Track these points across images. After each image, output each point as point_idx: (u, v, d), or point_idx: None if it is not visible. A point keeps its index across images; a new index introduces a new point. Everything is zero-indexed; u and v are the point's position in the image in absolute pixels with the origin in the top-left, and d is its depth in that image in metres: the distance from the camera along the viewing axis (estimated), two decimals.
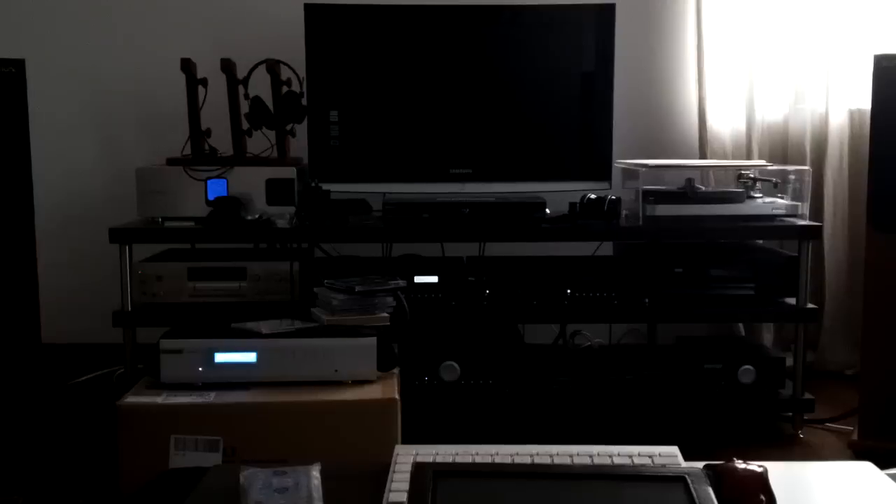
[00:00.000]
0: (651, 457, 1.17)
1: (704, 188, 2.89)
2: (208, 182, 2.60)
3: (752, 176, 2.75)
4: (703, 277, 2.61)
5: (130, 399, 1.99)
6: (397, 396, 2.02)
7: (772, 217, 2.65)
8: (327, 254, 2.89)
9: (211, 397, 1.99)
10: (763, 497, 1.00)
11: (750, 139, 3.13)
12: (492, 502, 0.99)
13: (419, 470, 1.02)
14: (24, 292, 2.44)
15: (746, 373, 2.55)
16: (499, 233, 2.62)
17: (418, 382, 2.53)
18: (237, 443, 1.94)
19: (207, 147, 2.73)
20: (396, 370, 2.18)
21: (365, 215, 2.69)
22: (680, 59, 3.20)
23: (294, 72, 2.72)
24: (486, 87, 2.77)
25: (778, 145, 3.17)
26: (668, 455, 1.18)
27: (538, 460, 1.16)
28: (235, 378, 2.06)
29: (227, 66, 2.70)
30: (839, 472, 1.20)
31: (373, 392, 2.04)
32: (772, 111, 3.18)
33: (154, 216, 2.62)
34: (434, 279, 2.57)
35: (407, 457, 1.15)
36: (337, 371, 2.08)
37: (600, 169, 2.76)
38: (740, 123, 3.15)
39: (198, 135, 2.71)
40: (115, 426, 1.95)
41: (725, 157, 3.14)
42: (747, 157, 3.12)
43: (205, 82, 2.71)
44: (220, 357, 2.06)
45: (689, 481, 0.99)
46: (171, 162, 2.67)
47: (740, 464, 1.04)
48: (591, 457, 1.17)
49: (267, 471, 1.08)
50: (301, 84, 2.71)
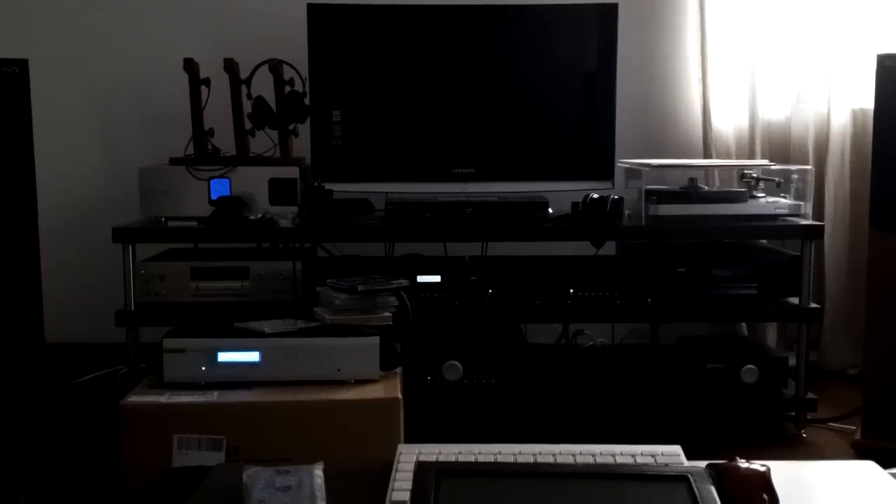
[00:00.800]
0: (654, 456, 1.17)
1: (707, 188, 2.88)
2: (211, 182, 2.60)
3: (754, 175, 2.75)
4: (706, 277, 2.61)
5: (133, 398, 1.99)
6: (400, 396, 2.02)
7: (774, 217, 2.65)
8: (330, 253, 2.89)
9: (214, 396, 1.99)
10: (766, 496, 1.00)
11: (753, 138, 3.13)
12: (494, 501, 0.99)
13: (422, 469, 1.02)
14: (28, 292, 2.44)
15: (749, 372, 2.55)
16: (501, 232, 2.62)
17: (421, 382, 2.53)
18: (240, 442, 1.94)
19: (210, 147, 2.74)
20: (399, 370, 2.18)
21: (367, 215, 2.69)
22: (683, 59, 3.20)
23: (297, 72, 2.72)
24: (489, 86, 2.77)
25: (780, 145, 3.17)
26: (671, 454, 1.18)
27: (541, 460, 1.16)
28: (238, 377, 2.06)
29: (230, 65, 2.71)
30: (842, 472, 1.19)
31: (375, 391, 2.04)
32: (774, 110, 3.18)
33: (157, 216, 2.62)
34: (437, 279, 2.57)
35: (410, 456, 1.15)
36: (340, 370, 2.08)
37: (603, 168, 2.76)
38: (743, 122, 3.15)
39: (201, 134, 2.71)
40: (118, 425, 1.95)
41: (729, 157, 3.13)
42: (750, 157, 3.12)
43: (208, 82, 2.71)
44: (223, 356, 2.06)
45: (692, 481, 1.00)
46: (174, 162, 2.67)
47: (743, 463, 1.04)
48: (594, 456, 1.17)
49: (270, 470, 1.09)
50: (304, 84, 2.72)
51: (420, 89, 2.77)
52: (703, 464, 1.06)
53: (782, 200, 2.70)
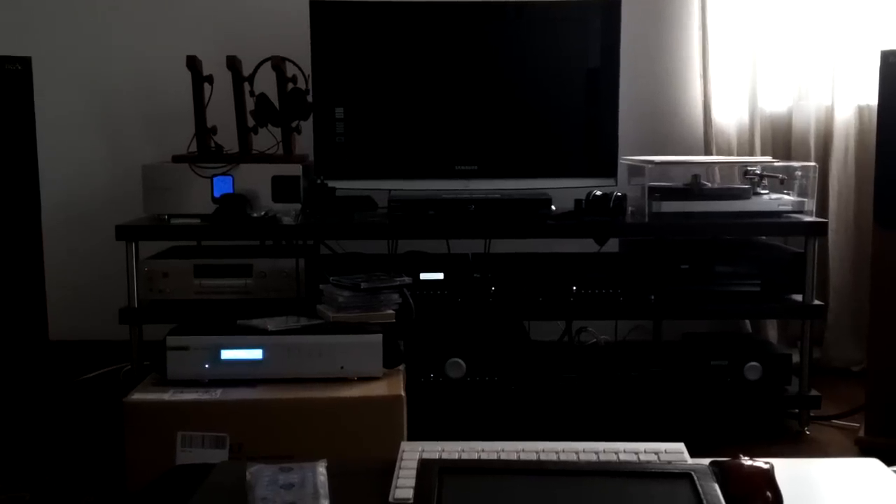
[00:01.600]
0: (657, 453, 1.17)
1: (710, 184, 2.88)
2: (214, 179, 2.61)
3: (758, 172, 2.74)
4: (709, 274, 2.61)
5: (137, 396, 1.99)
6: (403, 393, 2.02)
7: (778, 213, 2.64)
8: (333, 251, 2.89)
9: (217, 394, 2.00)
10: (769, 494, 1.00)
11: (754, 135, 3.12)
12: (497, 499, 0.99)
13: (425, 466, 1.02)
14: (32, 289, 2.45)
15: (753, 369, 2.55)
16: (504, 229, 2.62)
17: (424, 379, 2.53)
18: (243, 439, 1.95)
19: (213, 144, 2.74)
20: (402, 367, 2.18)
21: (370, 212, 2.69)
22: (685, 55, 3.20)
23: (299, 69, 2.72)
24: (492, 83, 2.76)
25: (783, 141, 3.16)
26: (674, 451, 1.18)
27: (544, 457, 1.16)
28: (241, 375, 2.06)
29: (233, 63, 2.71)
30: (846, 469, 1.19)
31: (378, 389, 2.04)
32: (777, 106, 3.17)
33: (160, 213, 2.62)
34: (440, 276, 2.57)
35: (413, 453, 1.15)
36: (343, 368, 2.08)
37: (606, 165, 2.75)
38: (745, 119, 3.14)
39: (203, 132, 2.71)
40: (122, 423, 1.95)
41: (731, 153, 3.13)
42: (752, 153, 3.11)
43: (210, 79, 2.71)
44: (227, 354, 2.07)
45: (696, 478, 0.99)
46: (176, 159, 2.67)
47: (746, 460, 1.04)
48: (597, 453, 1.17)
49: (273, 467, 1.09)
50: (307, 81, 2.71)
51: (423, 86, 2.77)
52: (706, 461, 1.06)
53: (785, 197, 2.69)
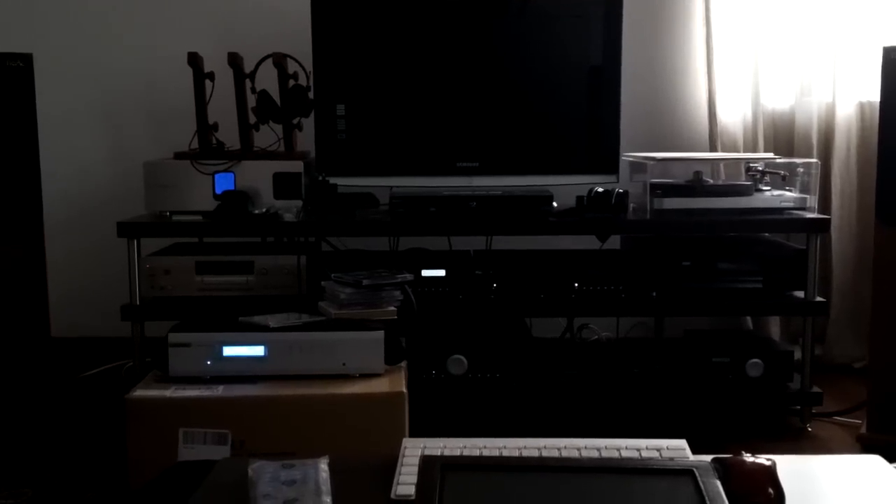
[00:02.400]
0: (659, 450, 1.17)
1: (712, 181, 2.88)
2: (216, 176, 2.61)
3: (760, 169, 2.74)
4: (711, 271, 2.60)
5: (139, 392, 1.99)
6: (405, 390, 2.02)
7: (780, 210, 2.64)
8: (334, 247, 2.89)
9: (219, 391, 2.00)
10: (771, 490, 1.00)
11: (757, 131, 3.12)
12: (500, 495, 0.99)
13: (427, 463, 1.02)
14: (33, 286, 2.45)
15: (754, 366, 2.55)
16: (506, 226, 2.62)
17: (426, 376, 2.53)
18: (245, 436, 1.95)
19: (215, 141, 2.74)
20: (404, 364, 2.18)
21: (372, 209, 2.69)
22: (688, 51, 3.19)
23: (301, 65, 2.72)
24: (494, 80, 2.76)
25: (785, 137, 3.16)
26: (676, 448, 1.18)
27: (546, 454, 1.16)
28: (243, 371, 2.06)
29: (234, 60, 2.70)
30: (847, 466, 1.19)
31: (380, 385, 2.04)
32: (780, 103, 3.17)
33: (162, 210, 2.62)
34: (441, 273, 2.57)
35: (415, 450, 1.15)
36: (344, 364, 2.08)
37: (608, 162, 2.75)
38: (749, 115, 3.13)
39: (205, 129, 2.71)
40: (124, 419, 1.95)
41: (734, 150, 3.12)
42: (754, 150, 3.11)
43: (212, 76, 2.71)
44: (229, 351, 2.07)
45: (698, 474, 0.99)
46: (178, 156, 2.67)
47: (748, 457, 1.04)
48: (599, 450, 1.17)
49: (275, 464, 1.09)
50: (308, 78, 2.71)
51: (424, 83, 2.76)
52: (708, 458, 1.06)
53: (788, 194, 2.69)
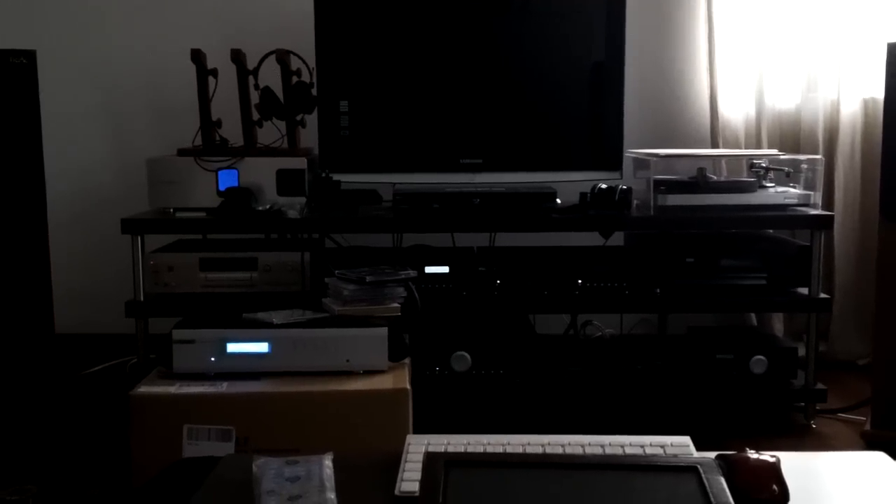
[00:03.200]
0: (663, 447, 1.17)
1: (716, 178, 2.87)
2: (219, 172, 2.61)
3: (764, 165, 2.73)
4: (715, 267, 2.60)
5: (143, 389, 2.00)
6: (408, 386, 2.02)
7: (784, 206, 2.64)
8: (338, 244, 2.89)
9: (223, 387, 2.00)
10: (776, 487, 1.00)
11: (761, 128, 3.12)
12: (503, 492, 0.99)
13: (431, 460, 1.03)
14: (37, 283, 2.45)
15: (758, 363, 2.55)
16: (509, 223, 2.62)
17: (429, 372, 2.54)
18: (249, 432, 1.95)
19: (218, 138, 2.74)
20: (407, 360, 2.18)
21: (375, 206, 2.69)
22: (691, 48, 3.19)
23: (304, 62, 2.72)
24: (497, 76, 2.76)
25: (790, 134, 3.15)
26: (680, 445, 1.18)
27: (549, 450, 1.16)
28: (247, 368, 2.06)
29: (237, 56, 2.70)
30: (852, 462, 1.19)
31: (384, 382, 2.04)
32: (783, 100, 3.16)
33: (165, 207, 2.63)
34: (445, 269, 2.57)
35: (419, 446, 1.15)
36: (348, 361, 2.08)
37: (611, 159, 2.75)
38: (752, 112, 3.13)
39: (208, 125, 2.72)
40: (128, 416, 1.96)
41: (738, 146, 3.12)
42: (758, 146, 3.10)
43: (215, 73, 2.71)
44: (232, 347, 2.07)
45: (702, 471, 0.99)
46: (181, 153, 2.67)
47: (753, 454, 1.04)
48: (603, 447, 1.17)
49: (279, 460, 1.09)
50: (311, 74, 2.71)
51: (428, 79, 2.76)
52: (712, 454, 1.06)
53: (791, 190, 2.68)
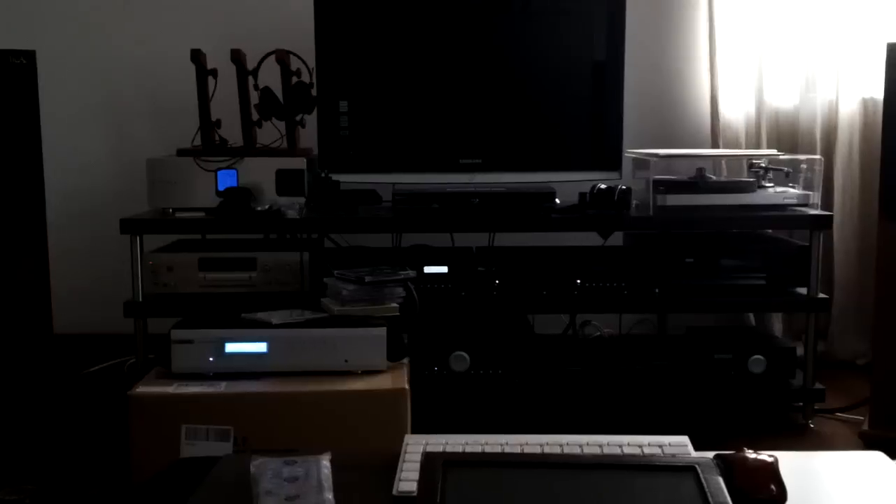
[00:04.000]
0: (661, 447, 1.17)
1: (715, 178, 2.87)
2: (218, 173, 2.61)
3: (763, 165, 2.73)
4: (714, 267, 2.60)
5: (142, 389, 2.00)
6: (407, 386, 2.02)
7: (783, 206, 2.64)
8: (337, 244, 2.89)
9: (222, 387, 2.00)
10: (774, 487, 1.00)
11: (761, 128, 3.12)
12: (501, 492, 0.99)
13: (429, 459, 1.03)
14: (36, 283, 2.45)
15: (757, 363, 2.55)
16: (508, 223, 2.62)
17: (428, 372, 2.54)
18: (248, 432, 1.95)
19: (217, 138, 2.74)
20: (406, 360, 2.18)
21: (375, 206, 2.69)
22: (692, 48, 3.19)
23: (304, 62, 2.72)
24: (497, 76, 2.76)
25: (789, 134, 3.15)
26: (679, 445, 1.18)
27: (548, 450, 1.16)
28: (246, 368, 2.06)
29: (237, 56, 2.70)
30: (850, 462, 1.19)
31: (383, 382, 2.04)
32: (783, 99, 3.16)
33: (165, 207, 2.63)
34: (444, 269, 2.57)
35: (417, 446, 1.15)
36: (347, 361, 2.08)
37: (611, 159, 2.75)
38: (752, 112, 3.13)
39: (208, 126, 2.72)
40: (127, 416, 1.96)
41: (737, 146, 3.12)
42: (758, 146, 3.10)
43: (214, 73, 2.71)
44: (231, 347, 2.07)
45: (700, 471, 0.99)
46: (181, 153, 2.67)
47: (751, 453, 1.04)
48: (601, 447, 1.17)
49: (277, 460, 1.09)
50: (311, 74, 2.71)
51: (427, 79, 2.76)
52: (710, 454, 1.06)
53: (791, 190, 2.68)
